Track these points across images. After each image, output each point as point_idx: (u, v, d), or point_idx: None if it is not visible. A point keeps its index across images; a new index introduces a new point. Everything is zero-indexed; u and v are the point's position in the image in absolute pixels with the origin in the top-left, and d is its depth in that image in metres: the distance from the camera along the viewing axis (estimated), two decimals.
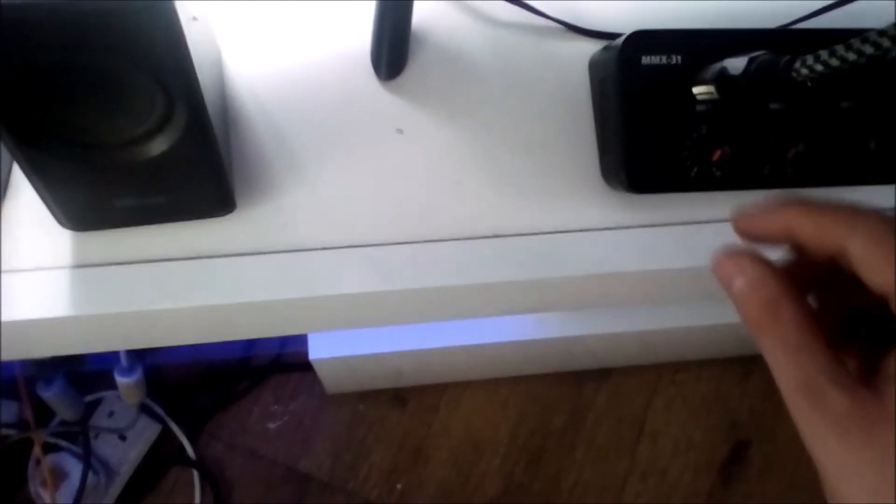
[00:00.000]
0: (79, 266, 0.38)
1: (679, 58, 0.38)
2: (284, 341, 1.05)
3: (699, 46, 0.38)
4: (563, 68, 0.44)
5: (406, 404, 1.05)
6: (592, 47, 0.43)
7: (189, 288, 0.38)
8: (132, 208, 0.37)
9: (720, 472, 1.04)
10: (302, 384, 1.04)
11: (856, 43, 0.28)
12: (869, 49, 0.28)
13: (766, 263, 0.25)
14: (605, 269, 0.40)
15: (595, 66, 0.42)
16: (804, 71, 0.30)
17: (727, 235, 0.41)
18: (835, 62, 0.29)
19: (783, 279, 0.25)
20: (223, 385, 1.03)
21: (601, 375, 1.07)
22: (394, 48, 0.42)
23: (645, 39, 0.38)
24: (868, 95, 0.39)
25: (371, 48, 0.42)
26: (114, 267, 0.38)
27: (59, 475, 0.90)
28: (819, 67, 0.29)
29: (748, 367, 1.07)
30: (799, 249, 0.27)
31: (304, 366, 0.92)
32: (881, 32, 0.28)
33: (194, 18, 0.33)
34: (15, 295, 0.37)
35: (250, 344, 1.05)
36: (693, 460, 1.05)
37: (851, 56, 0.28)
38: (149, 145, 0.33)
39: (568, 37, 0.44)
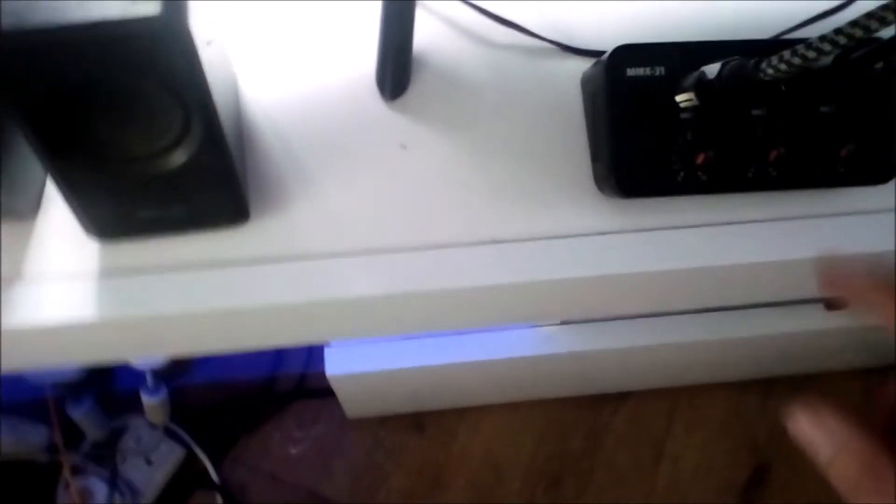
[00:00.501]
0: (104, 273, 0.41)
1: (662, 69, 0.40)
2: (307, 367, 1.07)
3: (681, 57, 0.40)
4: (557, 85, 0.46)
5: (425, 429, 1.06)
6: (584, 65, 0.46)
7: (206, 293, 0.41)
8: (153, 218, 0.40)
9: (741, 495, 1.04)
10: (323, 410, 1.06)
11: (815, 42, 0.30)
12: (827, 47, 0.30)
13: (856, 423, 0.25)
14: (600, 271, 0.42)
15: (586, 81, 0.45)
16: (770, 71, 0.32)
17: (717, 239, 0.43)
18: (797, 60, 0.31)
19: (876, 438, 0.24)
20: (247, 410, 1.06)
21: (619, 399, 1.07)
22: (397, 70, 0.45)
23: (629, 53, 0.40)
24: (846, 100, 0.41)
25: (376, 70, 0.45)
26: (137, 274, 0.41)
27: (86, 497, 0.93)
28: (783, 67, 0.31)
29: (767, 389, 1.07)
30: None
31: (326, 391, 0.94)
32: (837, 31, 0.30)
33: (209, 42, 0.36)
34: (43, 300, 0.40)
35: (273, 369, 1.08)
36: (713, 483, 1.04)
37: (811, 54, 0.30)
38: (168, 158, 0.36)
39: (561, 56, 0.47)
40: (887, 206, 0.45)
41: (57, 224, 0.42)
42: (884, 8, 0.29)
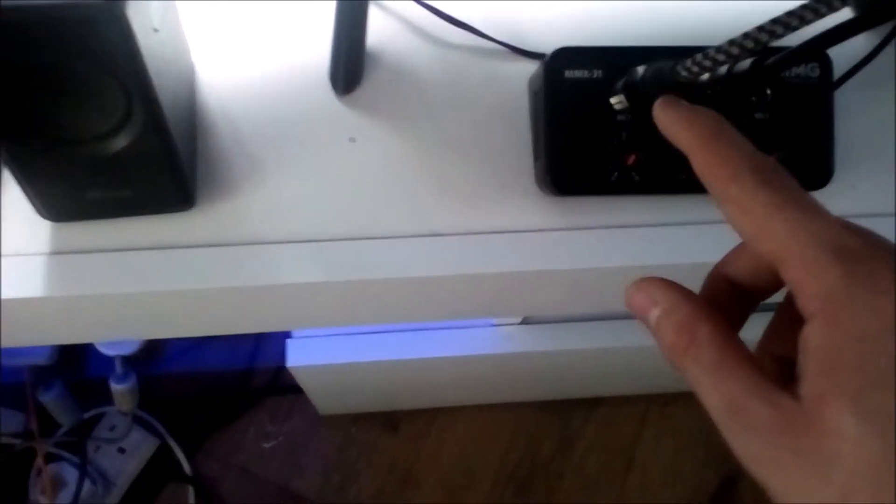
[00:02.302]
0: (54, 253, 0.42)
1: (599, 72, 0.42)
2: (281, 361, 1.08)
3: (616, 61, 0.41)
4: (505, 86, 0.47)
5: (398, 428, 1.07)
6: (533, 67, 0.47)
7: (151, 275, 0.42)
8: (101, 201, 0.41)
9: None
10: (297, 406, 1.07)
11: (724, 46, 0.32)
12: (735, 50, 0.31)
13: (678, 287, 0.25)
14: (533, 266, 0.43)
15: (531, 82, 0.46)
16: (684, 73, 0.33)
17: (651, 239, 0.44)
18: (708, 63, 0.32)
19: (698, 301, 0.24)
20: (221, 404, 1.07)
21: (590, 405, 1.08)
22: (349, 65, 0.46)
23: (568, 55, 0.42)
24: (781, 107, 0.43)
25: (329, 65, 0.46)
26: (85, 254, 0.43)
27: (58, 484, 0.94)
28: (695, 69, 0.33)
29: None
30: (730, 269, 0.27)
31: (300, 388, 0.95)
32: (745, 35, 0.31)
33: (155, 30, 0.37)
34: None
35: (249, 363, 1.09)
36: (682, 492, 1.05)
37: (721, 57, 0.32)
38: (112, 141, 0.38)
39: (511, 58, 0.48)
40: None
41: (13, 206, 0.43)
42: (789, 14, 0.31)
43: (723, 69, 0.37)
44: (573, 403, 1.07)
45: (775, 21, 0.30)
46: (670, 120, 0.27)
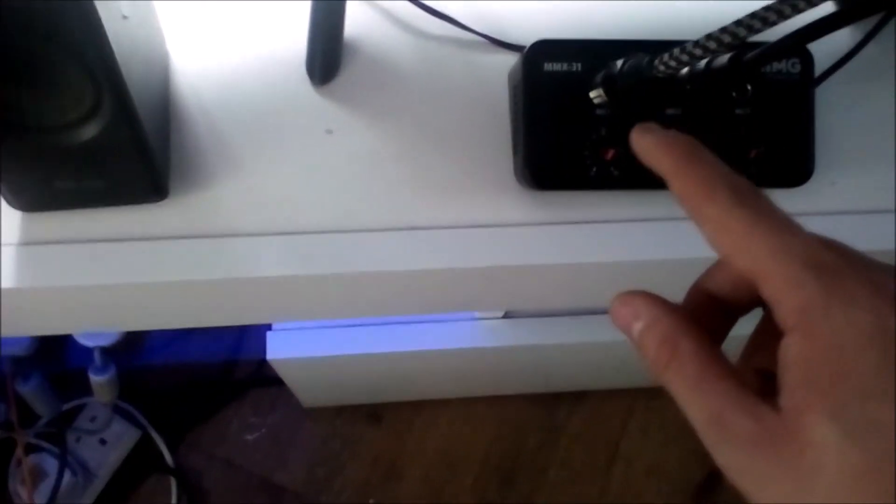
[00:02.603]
0: (23, 244, 0.42)
1: (578, 65, 0.41)
2: (264, 355, 1.07)
3: (596, 54, 0.41)
4: (485, 78, 0.47)
5: (381, 421, 1.07)
6: (514, 60, 0.47)
7: (123, 267, 0.41)
8: (72, 191, 0.40)
9: (693, 498, 1.05)
10: (280, 398, 1.06)
11: (702, 40, 0.31)
12: (712, 44, 0.31)
13: (661, 302, 0.25)
14: (514, 261, 0.43)
15: (510, 75, 0.45)
16: (662, 67, 0.33)
17: (630, 234, 0.44)
18: (685, 58, 0.32)
19: (680, 316, 0.25)
20: (204, 395, 1.06)
21: (575, 398, 1.08)
22: (326, 56, 0.45)
23: (547, 48, 0.41)
24: (762, 104, 0.42)
25: (306, 55, 0.46)
26: (56, 245, 0.42)
27: (38, 475, 0.93)
28: (673, 63, 0.32)
29: None
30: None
31: (283, 380, 0.94)
32: (722, 30, 0.31)
33: (124, 17, 0.36)
34: None
35: (232, 355, 1.08)
36: (666, 486, 1.05)
37: (698, 51, 0.31)
38: (81, 130, 0.37)
39: (492, 50, 0.48)
40: (807, 209, 0.46)
41: None
42: (767, 9, 0.30)
43: (701, 64, 0.36)
44: (558, 396, 1.07)
45: (753, 16, 0.30)
46: (647, 145, 0.27)
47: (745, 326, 0.28)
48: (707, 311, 0.27)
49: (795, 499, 0.20)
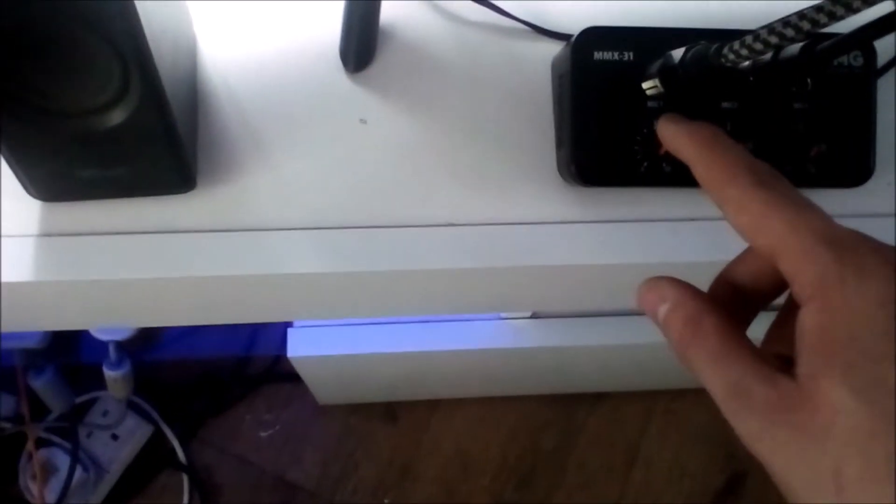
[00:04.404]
0: (44, 235, 0.40)
1: (630, 54, 0.39)
2: (280, 349, 1.06)
3: (651, 43, 0.38)
4: (527, 68, 0.45)
5: (397, 419, 1.05)
6: (557, 48, 0.44)
7: (146, 261, 0.40)
8: (94, 180, 0.38)
9: (714, 502, 1.03)
10: (295, 394, 1.05)
11: (777, 26, 0.29)
12: (790, 32, 0.29)
13: (686, 286, 0.26)
14: (553, 261, 0.41)
15: (555, 64, 0.43)
16: (731, 56, 0.31)
17: (681, 234, 0.42)
18: (758, 46, 0.29)
19: (704, 298, 0.26)
20: (217, 391, 1.04)
21: (595, 399, 1.06)
22: (361, 42, 0.43)
23: (597, 36, 0.39)
24: (822, 98, 0.40)
25: (340, 42, 0.44)
26: (77, 237, 0.40)
27: (49, 470, 0.92)
28: (744, 52, 0.30)
29: None
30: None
31: (298, 376, 0.93)
32: (801, 16, 0.28)
33: None
34: None
35: (247, 350, 1.06)
36: (686, 489, 1.03)
37: (773, 39, 0.29)
38: (107, 115, 0.35)
39: (533, 38, 0.45)
40: (863, 210, 0.44)
41: (4, 184, 0.40)
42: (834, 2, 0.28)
43: (767, 55, 0.34)
44: (577, 397, 1.05)
45: (835, 1, 0.28)
46: (672, 134, 0.30)
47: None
48: (731, 300, 0.28)
49: (809, 460, 0.21)
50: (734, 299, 0.28)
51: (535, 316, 0.78)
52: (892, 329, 0.21)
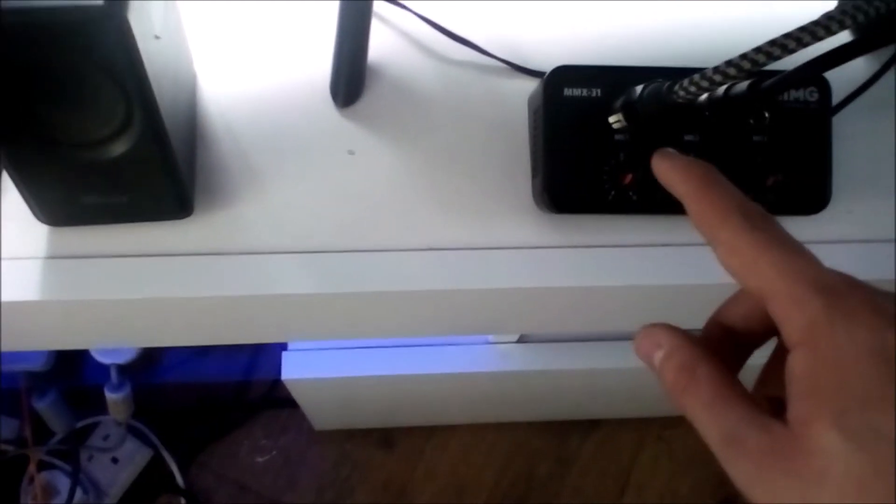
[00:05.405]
0: (51, 257, 0.43)
1: (598, 90, 0.42)
2: (278, 375, 1.08)
3: (615, 80, 0.41)
4: (505, 103, 0.48)
5: (393, 446, 1.06)
6: (533, 85, 0.47)
7: (146, 282, 0.42)
8: (99, 206, 0.41)
9: None
10: (292, 420, 1.06)
11: (721, 66, 0.32)
12: (732, 71, 0.31)
13: (680, 332, 0.27)
14: (531, 283, 0.43)
15: (530, 100, 0.46)
16: (682, 93, 0.34)
17: (648, 259, 0.44)
18: (704, 84, 0.32)
19: (698, 345, 0.26)
20: (216, 416, 1.06)
21: (588, 426, 1.07)
22: (350, 79, 0.46)
23: (567, 74, 0.42)
24: (779, 131, 0.43)
25: (330, 78, 0.47)
26: (82, 259, 0.43)
27: (50, 492, 0.93)
28: (692, 89, 0.33)
29: None
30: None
31: (295, 402, 0.94)
32: (742, 56, 0.31)
33: (156, 37, 0.37)
34: None
35: (245, 376, 1.08)
36: None
37: (718, 77, 0.32)
38: (111, 146, 0.38)
39: (512, 75, 0.48)
40: (821, 237, 0.46)
41: (11, 209, 0.43)
42: (786, 37, 0.31)
43: (720, 91, 0.37)
44: (570, 424, 1.07)
45: (773, 43, 0.31)
46: (665, 169, 0.30)
47: (759, 358, 0.29)
48: (723, 343, 0.29)
49: None
50: (727, 341, 0.29)
51: (521, 340, 0.80)
52: (881, 375, 0.21)
